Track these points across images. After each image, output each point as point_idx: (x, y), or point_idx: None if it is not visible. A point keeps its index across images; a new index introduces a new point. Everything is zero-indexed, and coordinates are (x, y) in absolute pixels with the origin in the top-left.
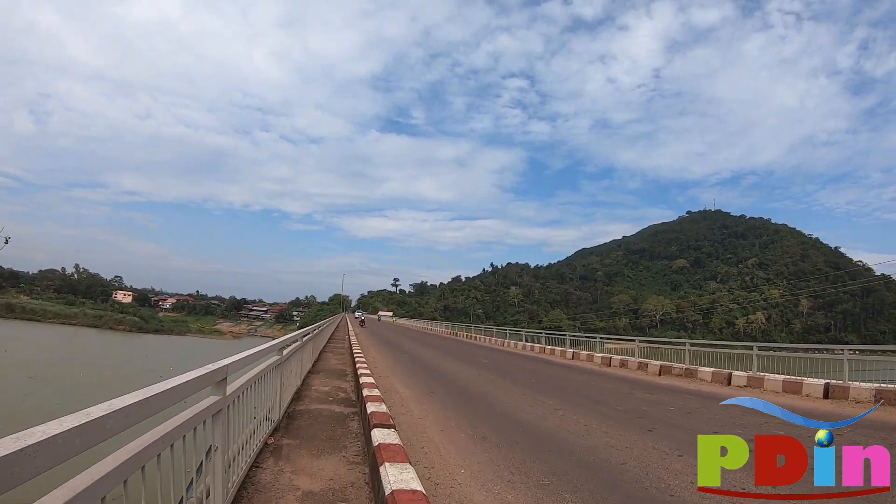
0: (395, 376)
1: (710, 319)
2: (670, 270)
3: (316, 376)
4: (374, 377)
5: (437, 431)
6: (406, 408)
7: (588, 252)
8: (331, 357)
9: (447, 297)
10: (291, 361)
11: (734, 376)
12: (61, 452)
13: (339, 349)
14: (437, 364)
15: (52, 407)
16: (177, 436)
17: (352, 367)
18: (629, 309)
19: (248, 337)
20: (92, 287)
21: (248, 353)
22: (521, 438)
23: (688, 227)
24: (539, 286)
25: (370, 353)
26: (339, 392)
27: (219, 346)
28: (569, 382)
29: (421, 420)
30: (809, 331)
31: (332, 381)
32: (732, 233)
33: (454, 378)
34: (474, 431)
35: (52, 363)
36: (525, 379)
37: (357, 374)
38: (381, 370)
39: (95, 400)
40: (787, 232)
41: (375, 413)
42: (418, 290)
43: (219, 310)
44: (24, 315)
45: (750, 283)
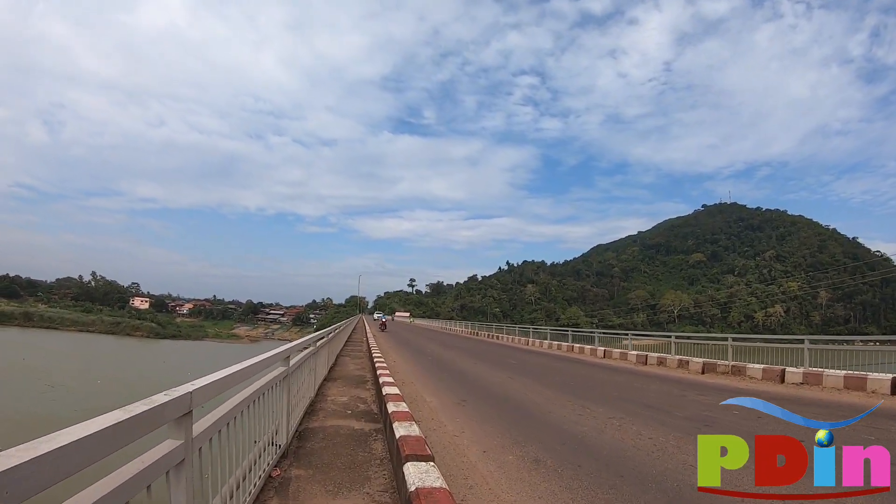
0: (420, 382)
1: (728, 314)
2: (687, 265)
3: (332, 384)
4: (397, 384)
5: (478, 454)
6: (437, 422)
7: (604, 248)
8: (348, 362)
9: (464, 297)
10: (303, 371)
11: (788, 373)
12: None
13: (357, 353)
14: (463, 367)
15: (69, 413)
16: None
17: (372, 374)
18: (646, 304)
19: (265, 340)
20: (109, 294)
21: (229, 373)
22: (581, 460)
23: (704, 221)
24: (555, 283)
25: (390, 356)
26: (358, 403)
27: (236, 349)
28: (610, 385)
29: (457, 438)
30: (829, 323)
31: (351, 389)
32: (749, 225)
33: (484, 383)
34: (523, 452)
35: (70, 370)
36: (562, 382)
37: (378, 382)
38: (404, 375)
39: (111, 407)
40: (803, 223)
41: (407, 439)
42: (435, 290)
43: (236, 314)
44: (42, 323)
45: (768, 276)
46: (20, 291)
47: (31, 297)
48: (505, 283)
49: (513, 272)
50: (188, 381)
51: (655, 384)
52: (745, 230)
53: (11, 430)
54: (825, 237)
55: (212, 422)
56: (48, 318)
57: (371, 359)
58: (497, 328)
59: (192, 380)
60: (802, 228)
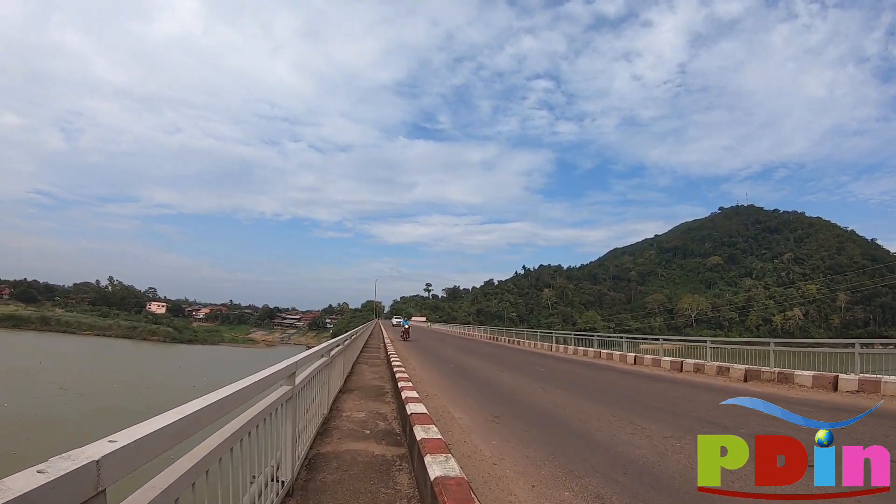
0: (445, 395)
1: (747, 317)
2: (704, 268)
3: (348, 397)
4: (420, 398)
5: (527, 490)
6: (470, 445)
7: (620, 252)
8: (365, 370)
9: (480, 301)
10: (313, 386)
11: (842, 380)
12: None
13: (375, 360)
14: (489, 376)
15: (76, 417)
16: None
17: (391, 384)
18: (664, 308)
19: (281, 345)
20: (126, 299)
21: (185, 414)
22: (652, 495)
23: (720, 224)
24: (572, 287)
25: (410, 364)
26: (377, 420)
27: (251, 354)
28: (652, 395)
29: (497, 468)
30: (848, 326)
31: (369, 402)
32: (766, 228)
33: (515, 395)
34: (581, 487)
35: (84, 374)
36: (598, 392)
37: (400, 396)
38: (427, 386)
39: (122, 410)
40: (822, 225)
41: (445, 484)
42: (451, 295)
43: (252, 319)
44: (59, 327)
45: (786, 279)
46: (37, 296)
47: (49, 301)
48: (521, 288)
49: (529, 276)
50: (199, 385)
51: (701, 394)
52: (762, 232)
53: (14, 432)
54: (844, 239)
55: (186, 468)
56: (65, 322)
57: (390, 367)
58: (517, 333)
59: (203, 384)
60: (821, 230)
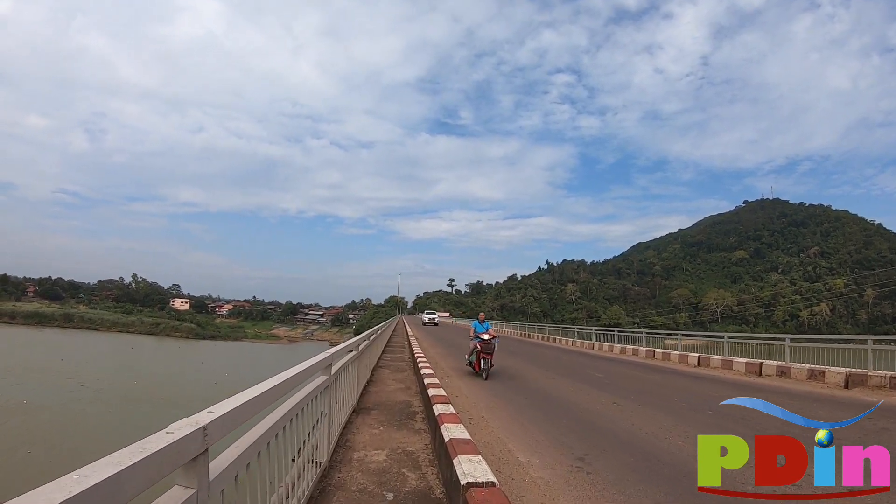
0: (496, 417)
1: (773, 312)
2: (729, 262)
3: (364, 420)
4: (464, 422)
5: None
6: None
7: (644, 246)
8: (388, 377)
9: (504, 297)
10: (309, 415)
11: None
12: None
13: (398, 363)
14: (543, 385)
15: (93, 413)
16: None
17: (422, 399)
18: (689, 303)
19: (303, 341)
20: (150, 296)
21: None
22: None
23: (745, 218)
24: (596, 282)
25: (441, 368)
26: (404, 468)
27: (274, 350)
28: (741, 409)
29: None
30: (876, 321)
31: (392, 431)
32: (792, 221)
33: (588, 416)
34: None
35: (106, 371)
36: (696, 409)
37: (437, 426)
38: (468, 402)
39: (140, 407)
40: (848, 218)
41: None
42: (474, 290)
43: (275, 315)
44: (83, 324)
45: (813, 274)
46: (62, 293)
47: (73, 298)
48: (545, 283)
49: (552, 271)
50: (221, 381)
51: (826, 408)
52: (788, 226)
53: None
54: (871, 232)
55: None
56: (88, 319)
57: (418, 374)
58: (552, 330)
59: (225, 380)
60: (847, 224)
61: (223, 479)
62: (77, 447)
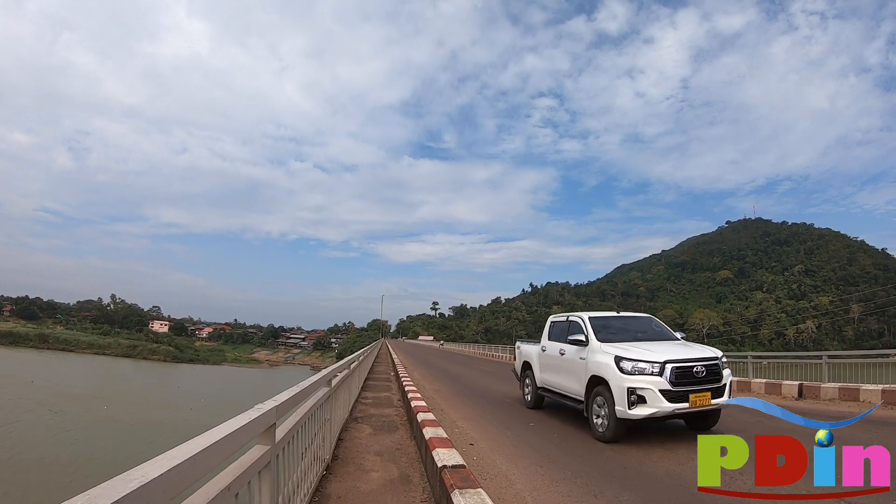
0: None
1: (759, 331)
2: (714, 282)
3: (338, 488)
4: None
5: None
6: None
7: (628, 268)
8: (371, 413)
9: (488, 320)
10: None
11: None
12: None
13: (382, 394)
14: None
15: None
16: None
17: (428, 472)
18: (675, 324)
19: (284, 365)
20: (128, 317)
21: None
22: None
23: (729, 237)
24: (581, 304)
25: (452, 419)
26: None
27: (253, 375)
28: None
29: None
30: (862, 337)
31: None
32: (775, 240)
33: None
34: None
35: (78, 395)
36: None
37: None
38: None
39: (112, 437)
40: (831, 236)
41: None
42: (458, 313)
43: (256, 338)
44: (58, 345)
45: (797, 291)
46: (39, 313)
47: (50, 318)
48: (529, 305)
49: (537, 294)
50: (197, 407)
51: None
52: (771, 245)
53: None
54: (854, 249)
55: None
56: (64, 340)
57: (419, 437)
58: None
59: (203, 407)
60: (831, 241)
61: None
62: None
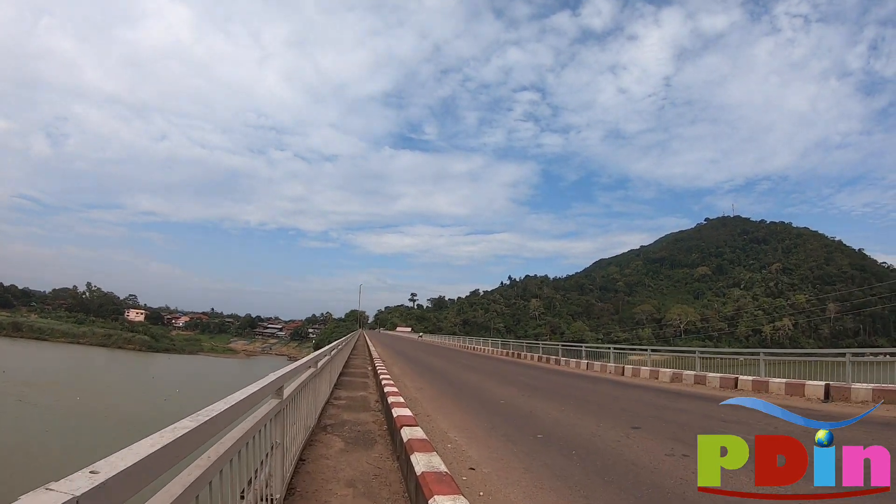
0: None
1: (736, 327)
2: (692, 278)
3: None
4: None
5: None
6: None
7: (606, 262)
8: (344, 419)
9: (466, 312)
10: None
11: None
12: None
13: (358, 394)
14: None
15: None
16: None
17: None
18: (652, 319)
19: (261, 355)
20: (104, 306)
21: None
22: None
23: (707, 235)
24: (559, 298)
25: (431, 417)
26: None
27: (229, 365)
28: None
29: None
30: (838, 335)
31: None
32: (754, 238)
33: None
34: None
35: (49, 385)
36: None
37: None
38: None
39: (81, 427)
40: (809, 235)
41: None
42: (436, 305)
43: (233, 328)
44: (32, 334)
45: (775, 289)
46: (13, 301)
47: (25, 307)
48: (508, 298)
49: (515, 287)
50: (171, 397)
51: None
52: (749, 243)
53: None
54: (832, 249)
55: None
56: (37, 328)
57: (400, 445)
58: (545, 350)
59: (177, 397)
60: (808, 240)
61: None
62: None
